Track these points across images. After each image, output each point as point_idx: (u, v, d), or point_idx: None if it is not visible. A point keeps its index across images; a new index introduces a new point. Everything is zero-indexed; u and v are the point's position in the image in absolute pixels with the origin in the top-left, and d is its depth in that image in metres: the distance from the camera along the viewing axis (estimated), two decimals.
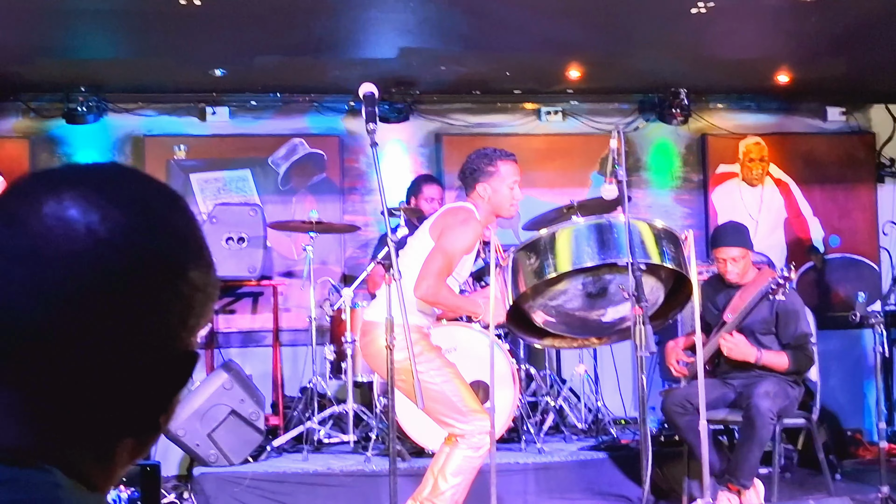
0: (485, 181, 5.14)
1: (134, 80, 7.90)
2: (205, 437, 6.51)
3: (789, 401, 6.06)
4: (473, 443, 4.94)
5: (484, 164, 5.16)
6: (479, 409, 5.02)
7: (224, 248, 7.43)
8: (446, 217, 5.10)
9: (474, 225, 5.02)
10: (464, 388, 5.02)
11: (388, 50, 7.37)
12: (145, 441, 1.14)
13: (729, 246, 6.28)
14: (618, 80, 8.47)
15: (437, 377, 4.93)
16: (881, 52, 7.61)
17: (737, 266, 6.26)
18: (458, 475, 4.93)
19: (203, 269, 1.13)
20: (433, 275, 4.86)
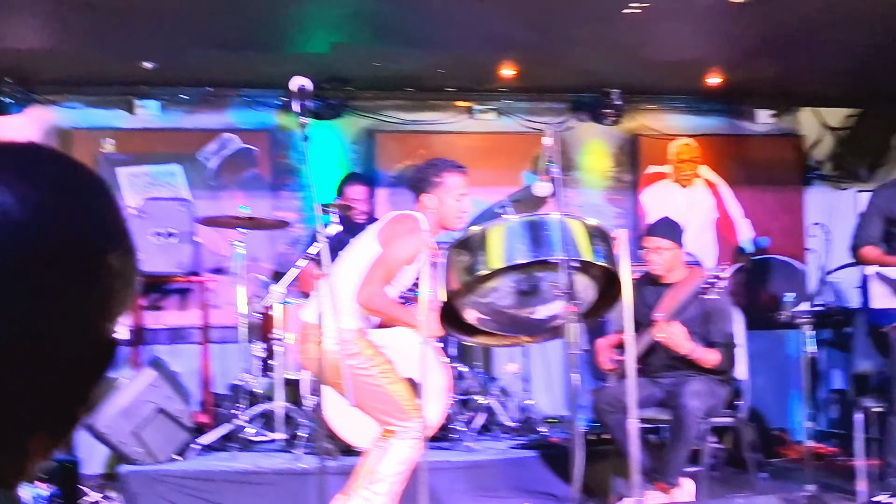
0: (431, 191, 5.15)
1: (61, 71, 7.75)
2: (131, 435, 6.41)
3: (717, 400, 6.11)
4: (414, 432, 4.95)
5: (431, 174, 5.17)
6: (415, 406, 5.02)
7: (152, 242, 7.34)
8: (394, 225, 5.09)
9: (419, 235, 5.02)
10: (402, 385, 5.02)
11: (320, 45, 7.32)
12: (61, 435, 1.09)
13: (657, 236, 6.33)
14: (551, 80, 8.48)
15: (381, 378, 4.94)
16: (811, 56, 7.70)
17: (660, 257, 6.29)
18: (402, 464, 4.97)
19: (124, 254, 1.08)
20: (376, 282, 4.89)
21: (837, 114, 9.37)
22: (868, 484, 6.53)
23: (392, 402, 4.94)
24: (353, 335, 4.90)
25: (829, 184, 9.39)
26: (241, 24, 6.75)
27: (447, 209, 5.19)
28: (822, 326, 8.52)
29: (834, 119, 9.38)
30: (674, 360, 6.23)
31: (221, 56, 7.48)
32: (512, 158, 8.77)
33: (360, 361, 4.84)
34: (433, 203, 5.15)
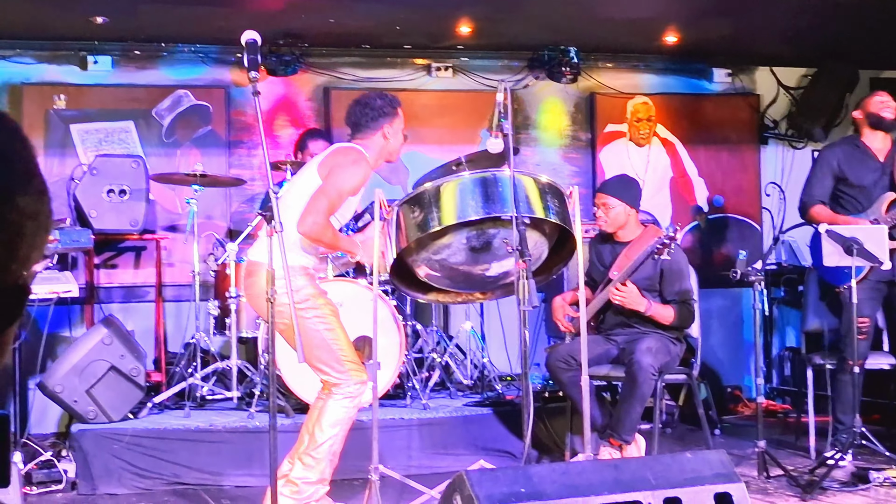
0: (388, 123, 5.14)
1: (11, 25, 7.62)
2: (83, 394, 6.37)
3: (671, 357, 6.14)
4: (348, 392, 4.92)
5: (388, 106, 5.17)
6: (356, 361, 4.99)
7: (105, 200, 7.26)
8: (336, 156, 5.03)
9: (364, 166, 4.99)
10: (344, 338, 4.98)
11: (275, 1, 7.24)
12: None
13: (607, 193, 6.33)
14: (508, 38, 8.45)
15: (319, 324, 4.88)
16: (767, 15, 7.72)
17: (607, 214, 6.29)
18: (335, 426, 4.91)
19: (33, 195, 1.05)
20: (319, 212, 4.80)
21: (793, 73, 9.41)
22: (818, 440, 6.62)
23: (328, 349, 4.88)
24: (296, 272, 4.82)
25: (785, 143, 9.43)
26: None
27: (397, 141, 5.24)
28: (775, 284, 8.61)
29: (789, 79, 9.42)
30: (628, 317, 6.25)
31: (175, 11, 7.38)
32: (469, 116, 8.74)
33: (301, 300, 4.77)
34: (390, 134, 5.16)
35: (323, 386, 5.03)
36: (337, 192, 4.89)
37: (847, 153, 6.67)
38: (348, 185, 4.93)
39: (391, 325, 6.58)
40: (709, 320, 8.45)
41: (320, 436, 4.90)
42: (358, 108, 5.15)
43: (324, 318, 4.91)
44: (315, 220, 4.78)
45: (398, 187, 8.39)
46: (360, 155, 5.02)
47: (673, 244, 5.94)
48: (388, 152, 5.22)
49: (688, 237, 9.08)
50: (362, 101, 5.17)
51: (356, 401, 4.95)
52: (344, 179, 4.90)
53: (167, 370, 7.41)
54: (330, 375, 4.92)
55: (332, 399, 4.93)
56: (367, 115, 5.12)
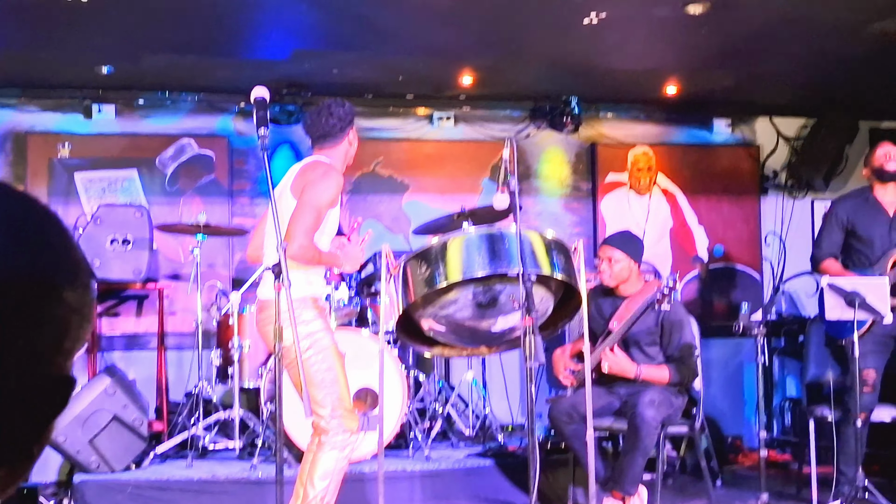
0: (351, 129, 5.17)
1: (17, 74, 7.68)
2: (86, 444, 6.36)
3: (673, 409, 6.14)
4: (337, 442, 4.89)
5: (349, 113, 5.16)
6: (350, 409, 4.96)
7: (108, 249, 7.29)
8: (305, 174, 4.99)
9: (335, 176, 4.96)
10: (343, 382, 4.95)
11: (280, 51, 7.29)
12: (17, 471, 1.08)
13: (613, 246, 6.34)
14: (510, 88, 8.51)
15: (320, 362, 4.86)
16: (767, 66, 7.78)
17: (611, 268, 6.31)
18: (324, 479, 4.89)
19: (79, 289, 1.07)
20: (303, 233, 4.76)
21: (793, 124, 9.47)
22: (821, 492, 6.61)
23: (323, 389, 4.86)
24: (306, 304, 4.85)
25: (785, 193, 9.48)
26: (200, 29, 6.72)
27: (354, 147, 5.25)
28: (775, 335, 8.62)
29: (789, 129, 9.48)
30: None
31: (179, 61, 7.44)
32: (471, 166, 8.79)
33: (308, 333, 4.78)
34: (354, 140, 5.20)
35: (313, 433, 5.01)
36: (314, 208, 4.84)
37: (857, 206, 6.70)
38: (324, 199, 4.88)
39: (394, 375, 6.59)
40: (709, 370, 8.45)
41: (311, 490, 4.88)
42: (324, 119, 5.09)
43: (325, 358, 4.89)
44: (300, 242, 4.73)
45: (400, 236, 8.43)
46: (328, 167, 5.00)
47: (672, 295, 5.96)
48: (350, 157, 5.26)
49: (688, 287, 9.11)
50: (327, 112, 5.11)
51: (346, 451, 4.93)
52: (318, 194, 4.86)
53: (169, 419, 7.40)
54: (321, 417, 4.89)
55: (322, 451, 4.91)
56: (335, 125, 5.09)
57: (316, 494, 4.87)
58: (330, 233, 5.07)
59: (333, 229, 5.11)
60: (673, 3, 6.22)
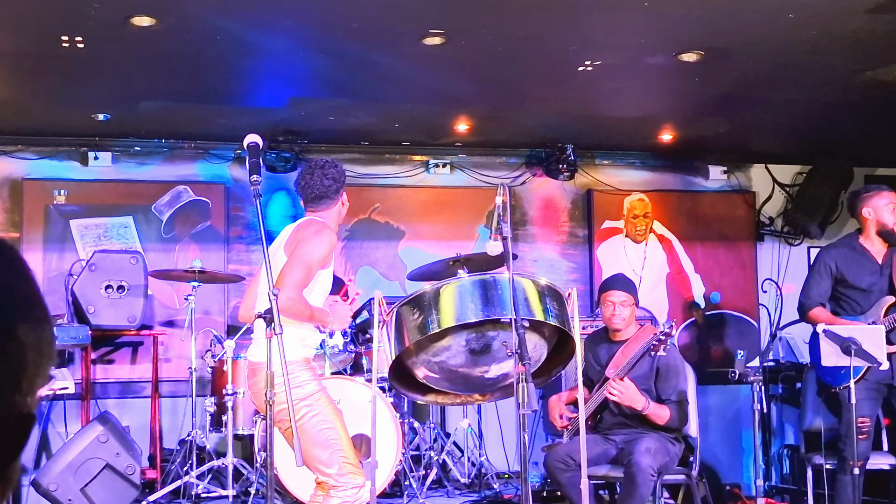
0: (344, 190, 5.16)
1: (13, 122, 7.70)
2: (78, 492, 6.32)
3: (670, 457, 6.11)
4: (345, 496, 4.84)
5: (342, 174, 5.15)
6: (355, 464, 4.91)
7: (103, 296, 7.28)
8: (299, 232, 4.99)
9: (328, 234, 4.95)
10: (345, 438, 4.92)
11: (276, 99, 7.32)
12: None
13: (618, 290, 6.33)
14: (506, 135, 8.53)
15: (321, 423, 4.82)
16: (761, 113, 7.81)
17: (624, 311, 6.30)
18: None
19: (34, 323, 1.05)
20: (291, 286, 4.71)
21: (788, 170, 9.50)
22: None
23: (328, 449, 4.82)
24: (299, 366, 4.84)
25: (781, 240, 9.48)
26: (197, 77, 6.74)
27: (346, 208, 5.25)
28: (773, 381, 8.58)
29: (785, 176, 9.50)
30: (626, 417, 6.23)
31: (175, 108, 7.46)
32: (467, 212, 8.80)
33: (304, 395, 4.76)
34: (345, 200, 5.19)
35: (318, 486, 4.98)
36: (304, 263, 4.81)
37: (845, 255, 6.68)
38: (315, 256, 4.86)
39: (389, 423, 6.56)
40: (706, 417, 8.41)
41: None
42: (318, 180, 5.07)
43: (325, 418, 4.85)
44: (288, 294, 4.67)
45: (396, 283, 8.42)
46: (321, 225, 4.99)
47: (669, 340, 5.95)
48: (342, 216, 5.27)
49: (685, 333, 9.09)
50: (321, 173, 5.08)
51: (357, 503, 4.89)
52: (310, 251, 4.84)
53: (162, 467, 7.35)
54: (328, 476, 4.85)
55: (330, 500, 4.87)
56: (331, 186, 5.08)
57: None
58: (323, 292, 5.05)
59: (327, 289, 5.08)
60: (667, 51, 6.25)
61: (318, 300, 5.00)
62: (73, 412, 7.67)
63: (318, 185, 5.09)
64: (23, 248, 7.95)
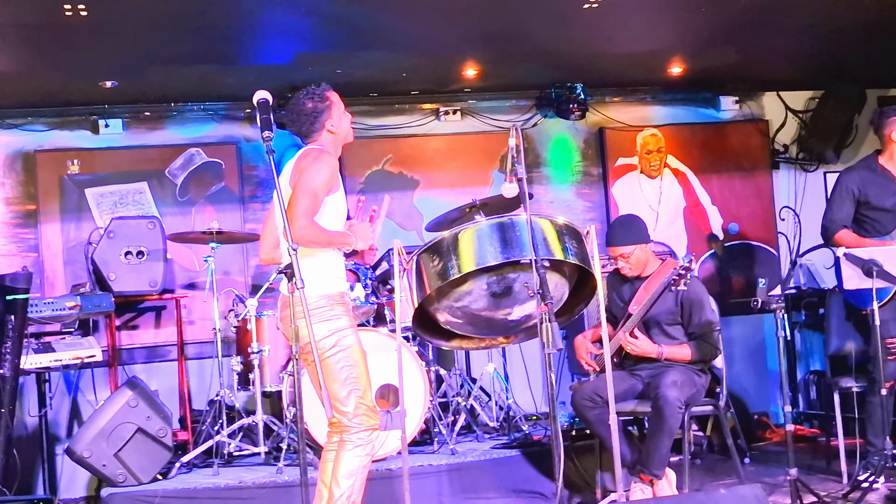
0: (327, 118, 5.02)
1: (22, 94, 7.69)
2: (112, 457, 6.38)
3: (696, 389, 6.12)
4: (359, 439, 4.88)
5: (319, 103, 5.02)
6: (371, 406, 4.94)
7: (123, 262, 7.31)
8: (298, 163, 4.93)
9: (326, 158, 4.90)
10: (366, 379, 4.93)
11: (283, 55, 7.29)
12: None
13: (616, 245, 6.30)
14: (514, 78, 8.49)
15: (343, 359, 4.83)
16: (771, 41, 7.74)
17: (628, 261, 6.30)
18: (349, 477, 4.86)
19: None
20: (301, 215, 4.69)
21: (800, 97, 9.43)
22: (849, 464, 6.58)
23: (345, 386, 4.84)
24: (335, 300, 4.86)
25: (796, 167, 9.44)
26: (202, 38, 6.72)
27: (345, 125, 5.13)
28: (795, 309, 8.59)
29: (797, 102, 9.44)
30: None
31: (183, 71, 7.44)
32: (480, 158, 8.78)
33: (335, 330, 4.79)
34: (335, 126, 5.05)
35: (331, 429, 4.99)
36: (308, 191, 4.77)
37: (865, 177, 6.65)
38: (317, 182, 4.81)
39: (415, 372, 6.58)
40: (731, 348, 8.42)
41: (336, 490, 4.85)
42: (294, 118, 5.03)
43: (349, 355, 4.86)
44: (299, 224, 4.66)
45: (413, 233, 8.43)
46: (318, 151, 4.95)
47: (689, 275, 5.94)
48: (342, 138, 5.15)
49: (705, 266, 9.08)
50: (295, 110, 5.04)
51: (368, 448, 4.91)
52: (311, 177, 4.80)
53: (193, 428, 7.41)
54: (343, 415, 4.85)
55: (344, 451, 4.89)
56: (305, 121, 5.00)
57: (342, 493, 4.86)
58: (338, 217, 4.99)
59: (341, 213, 5.03)
60: None
61: (336, 224, 4.96)
62: (102, 379, 7.72)
63: (295, 122, 5.02)
64: (40, 220, 7.99)
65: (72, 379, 7.63)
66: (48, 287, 7.92)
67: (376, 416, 4.96)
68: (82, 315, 6.73)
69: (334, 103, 5.08)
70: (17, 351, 5.88)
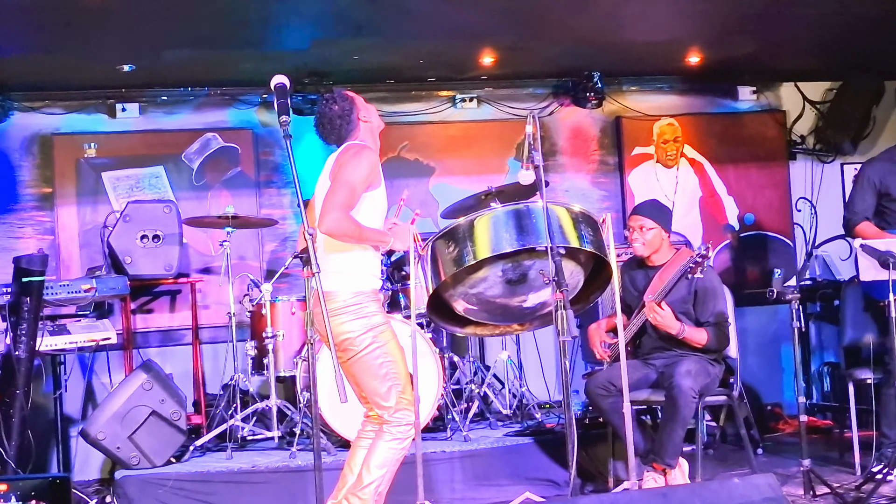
0: (357, 115, 5.03)
1: (40, 77, 7.71)
2: (126, 440, 6.40)
3: (710, 379, 6.11)
4: (399, 432, 4.89)
5: (342, 102, 5.04)
6: (411, 401, 4.94)
7: (139, 246, 7.33)
8: (339, 158, 4.92)
9: (367, 153, 4.89)
10: (405, 373, 4.94)
11: (300, 41, 7.29)
12: None
13: (642, 215, 6.31)
14: (531, 66, 8.47)
15: (384, 356, 4.84)
16: (790, 31, 7.70)
17: (643, 237, 6.27)
18: (382, 467, 4.87)
19: None
20: (336, 207, 4.67)
21: (818, 88, 9.40)
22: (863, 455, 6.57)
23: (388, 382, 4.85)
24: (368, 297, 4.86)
25: (813, 158, 9.40)
26: (219, 23, 6.72)
27: (375, 116, 5.16)
28: (810, 300, 8.56)
29: (815, 93, 9.41)
30: (665, 340, 6.23)
31: (200, 55, 7.45)
32: (495, 146, 8.77)
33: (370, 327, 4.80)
34: (368, 120, 5.08)
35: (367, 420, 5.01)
36: (346, 185, 4.74)
37: (887, 169, 6.65)
38: (356, 176, 4.78)
39: (429, 358, 6.59)
40: (745, 338, 8.40)
41: (367, 477, 4.86)
42: (328, 127, 5.03)
43: (388, 351, 4.86)
44: (333, 216, 4.65)
45: (428, 220, 8.42)
46: (359, 146, 4.94)
47: (706, 263, 5.93)
48: (376, 130, 5.19)
49: (720, 256, 9.06)
50: (325, 120, 5.05)
51: (405, 443, 4.92)
52: (349, 171, 4.78)
53: (207, 412, 7.44)
54: (385, 410, 4.87)
55: (382, 440, 4.89)
56: (340, 124, 5.00)
57: (372, 481, 4.85)
58: (377, 214, 4.96)
59: (381, 210, 4.99)
60: None
61: (375, 222, 4.93)
62: (116, 362, 7.74)
63: (331, 131, 5.02)
64: (56, 202, 8.03)
65: (86, 361, 7.65)
66: (64, 270, 7.96)
67: (413, 409, 4.97)
68: (98, 298, 6.74)
69: (356, 98, 5.12)
70: (32, 333, 5.90)
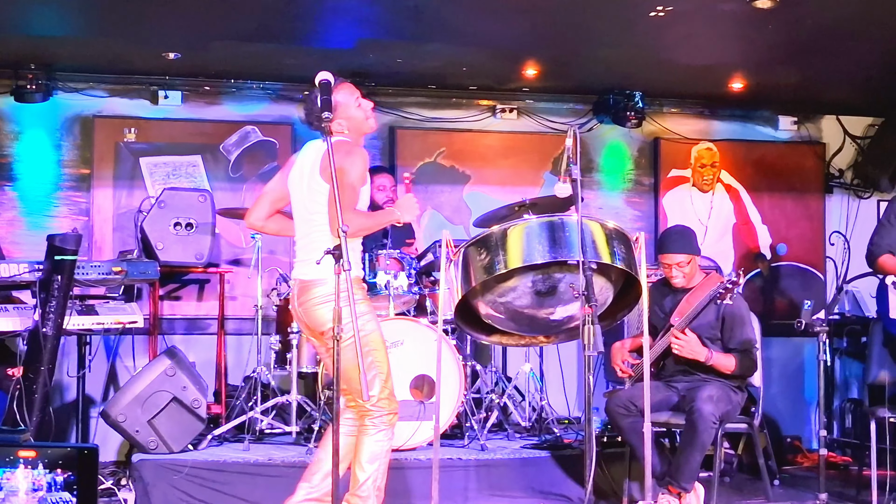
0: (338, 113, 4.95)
1: (85, 59, 7.77)
2: (145, 424, 6.43)
3: (732, 406, 6.09)
4: (381, 423, 4.91)
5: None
6: (392, 390, 4.98)
7: (172, 233, 7.37)
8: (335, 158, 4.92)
9: (359, 151, 4.94)
10: (386, 364, 4.97)
11: (345, 40, 7.31)
12: None
13: (674, 252, 6.28)
14: (573, 81, 8.47)
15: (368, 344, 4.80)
16: (834, 64, 7.68)
17: (682, 271, 6.28)
18: (373, 461, 4.90)
19: None
20: (348, 208, 4.68)
21: (860, 122, 9.36)
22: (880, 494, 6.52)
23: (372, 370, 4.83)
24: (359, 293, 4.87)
25: (850, 192, 9.36)
26: (266, 16, 6.75)
27: (357, 119, 5.08)
28: (837, 335, 8.52)
29: (856, 128, 9.37)
30: (689, 364, 6.21)
31: (245, 48, 7.49)
32: (533, 158, 8.78)
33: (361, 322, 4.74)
34: (343, 125, 5.01)
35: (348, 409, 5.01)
36: (349, 187, 4.77)
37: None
38: (356, 174, 4.84)
39: (451, 365, 6.59)
40: (770, 369, 8.37)
41: (361, 474, 4.89)
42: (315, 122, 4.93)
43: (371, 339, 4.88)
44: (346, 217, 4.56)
45: (460, 227, 8.44)
46: (349, 145, 4.96)
47: (735, 290, 5.92)
48: (358, 132, 5.12)
49: (750, 285, 9.02)
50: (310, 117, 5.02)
51: (390, 433, 4.95)
52: (350, 171, 4.80)
53: (227, 403, 7.46)
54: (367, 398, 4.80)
55: (367, 436, 4.92)
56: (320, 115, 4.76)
57: (367, 477, 4.88)
58: (366, 206, 5.05)
59: (367, 202, 5.07)
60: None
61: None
62: (141, 347, 7.79)
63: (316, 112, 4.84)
64: (93, 184, 8.08)
65: (111, 344, 7.69)
66: (96, 251, 8.01)
67: (396, 401, 5.00)
68: (127, 281, 6.77)
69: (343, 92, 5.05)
70: (60, 311, 5.93)
